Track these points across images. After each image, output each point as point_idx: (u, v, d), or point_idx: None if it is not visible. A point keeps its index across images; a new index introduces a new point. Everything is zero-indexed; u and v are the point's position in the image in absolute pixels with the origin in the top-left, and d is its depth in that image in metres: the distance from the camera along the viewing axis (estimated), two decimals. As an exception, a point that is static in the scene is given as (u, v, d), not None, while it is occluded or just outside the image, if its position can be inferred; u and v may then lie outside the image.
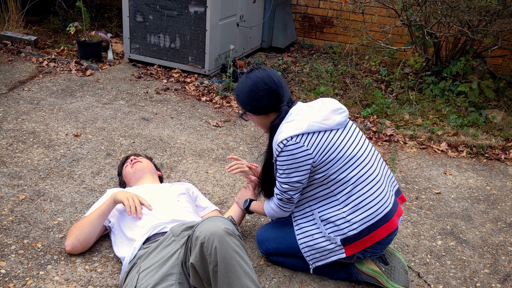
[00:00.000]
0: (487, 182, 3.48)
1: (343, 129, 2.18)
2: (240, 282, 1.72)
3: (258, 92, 2.16)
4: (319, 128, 2.11)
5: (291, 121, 2.14)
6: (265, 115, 2.22)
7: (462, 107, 4.57)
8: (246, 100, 2.21)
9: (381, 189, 2.18)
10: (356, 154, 2.16)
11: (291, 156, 2.10)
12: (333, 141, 2.12)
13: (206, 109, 4.38)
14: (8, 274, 2.22)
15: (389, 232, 2.18)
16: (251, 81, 2.19)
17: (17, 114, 3.86)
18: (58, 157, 3.28)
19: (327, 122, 2.12)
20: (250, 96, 2.19)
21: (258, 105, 2.19)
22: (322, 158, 2.10)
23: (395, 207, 2.24)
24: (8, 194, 2.82)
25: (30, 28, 6.14)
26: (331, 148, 2.11)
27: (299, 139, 2.09)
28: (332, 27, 6.57)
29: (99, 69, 5.11)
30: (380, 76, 5.37)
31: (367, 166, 2.17)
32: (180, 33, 4.97)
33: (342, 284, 2.36)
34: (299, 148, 2.08)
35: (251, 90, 2.18)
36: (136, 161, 2.75)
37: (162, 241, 2.07)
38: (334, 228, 2.16)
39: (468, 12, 4.40)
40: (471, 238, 2.81)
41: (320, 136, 2.11)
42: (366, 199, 2.14)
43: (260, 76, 2.18)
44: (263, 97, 2.17)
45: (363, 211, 2.14)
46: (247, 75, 2.23)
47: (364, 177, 2.16)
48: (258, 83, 2.17)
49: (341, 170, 2.13)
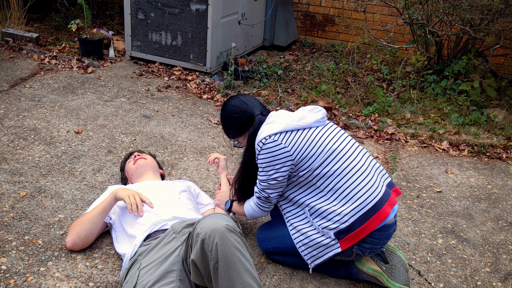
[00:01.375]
0: (488, 181, 3.47)
1: (323, 127, 2.26)
2: (241, 279, 1.72)
3: (232, 115, 2.33)
4: (297, 127, 2.21)
5: (270, 123, 2.25)
6: (247, 131, 2.35)
7: (464, 106, 4.57)
8: (228, 128, 2.40)
9: (367, 179, 2.20)
10: (337, 147, 2.21)
11: (269, 154, 2.18)
12: (311, 137, 2.20)
13: (207, 107, 4.38)
14: (9, 270, 2.22)
15: (381, 221, 2.17)
16: (225, 111, 2.37)
17: (19, 111, 3.86)
18: (59, 154, 3.28)
19: (304, 121, 2.22)
20: (228, 122, 2.37)
21: (237, 125, 2.34)
22: (302, 154, 2.17)
23: (386, 197, 2.23)
24: (9, 191, 2.82)
25: (32, 25, 6.14)
26: (310, 144, 2.18)
27: (277, 137, 2.18)
28: (334, 25, 6.57)
29: (100, 66, 5.11)
30: (382, 74, 5.36)
31: (349, 158, 2.22)
32: (182, 30, 4.96)
33: (343, 282, 2.36)
34: (277, 146, 2.17)
35: (227, 117, 2.36)
36: (139, 157, 2.75)
37: (162, 238, 2.07)
38: (326, 223, 2.17)
39: (470, 10, 4.39)
40: (472, 236, 2.81)
41: (298, 134, 2.20)
42: (353, 190, 2.17)
43: (230, 103, 2.37)
44: (237, 118, 2.33)
45: (352, 203, 2.16)
46: (222, 109, 2.40)
47: (348, 169, 2.19)
48: (230, 108, 2.35)
49: (323, 165, 2.18)
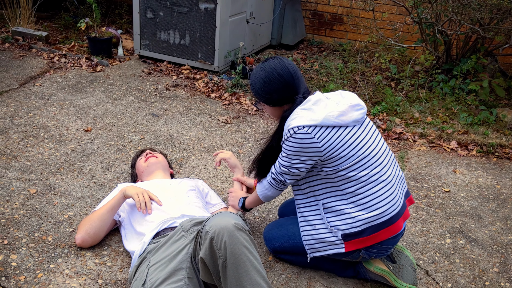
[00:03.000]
0: (497, 181, 3.46)
1: (359, 127, 2.13)
2: (249, 277, 1.72)
3: (272, 84, 2.13)
4: (334, 123, 2.05)
5: (307, 110, 2.09)
6: (279, 106, 2.20)
7: (473, 106, 4.55)
8: (260, 92, 2.18)
9: (390, 191, 2.14)
10: (369, 153, 2.11)
11: (298, 144, 2.06)
12: (346, 138, 2.07)
13: (215, 105, 4.39)
14: (19, 267, 2.25)
15: (392, 234, 2.16)
16: (266, 72, 2.14)
17: (28, 109, 3.89)
18: (68, 152, 3.31)
19: (343, 118, 2.06)
20: (264, 87, 2.15)
21: (273, 96, 2.16)
22: (332, 154, 2.06)
23: (402, 210, 2.21)
24: (19, 188, 2.84)
25: (41, 24, 6.18)
26: (343, 145, 2.06)
27: (310, 130, 2.04)
28: (342, 24, 6.55)
29: (109, 65, 5.14)
30: (390, 73, 5.35)
31: (379, 166, 2.13)
32: (190, 29, 4.98)
33: (350, 281, 2.36)
34: (309, 139, 2.04)
35: (265, 81, 2.14)
36: (150, 155, 2.76)
37: (171, 236, 2.08)
38: (337, 222, 2.14)
39: (479, 10, 4.37)
40: (481, 236, 2.80)
41: (333, 132, 2.06)
42: (374, 200, 2.11)
43: (275, 66, 2.13)
44: (277, 89, 2.13)
45: (369, 211, 2.11)
46: (262, 65, 2.18)
47: (375, 178, 2.11)
48: (273, 74, 2.12)
49: (351, 168, 2.09)
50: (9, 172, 3.00)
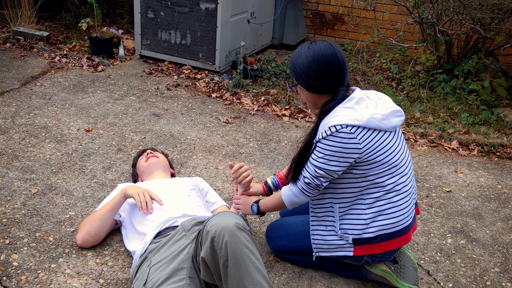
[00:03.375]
0: (498, 181, 3.45)
1: (395, 134, 2.08)
2: (251, 277, 1.72)
3: (319, 68, 1.97)
4: (376, 126, 1.97)
5: (350, 108, 1.98)
6: (318, 94, 2.05)
7: (474, 106, 4.55)
8: (302, 74, 2.02)
9: (408, 202, 2.13)
10: (399, 162, 2.07)
11: (339, 144, 1.95)
12: (384, 143, 2.01)
13: (216, 105, 4.39)
14: (21, 266, 2.25)
15: (402, 245, 2.16)
16: (313, 54, 1.98)
17: (30, 109, 3.89)
18: (69, 152, 3.31)
19: (385, 122, 1.99)
20: (308, 70, 1.99)
21: (315, 82, 2.01)
22: (369, 157, 1.99)
23: (413, 222, 2.21)
24: (20, 188, 2.85)
25: (43, 24, 6.18)
26: (380, 150, 2.00)
27: (353, 130, 1.94)
28: (343, 24, 6.55)
29: (110, 65, 5.14)
30: (391, 73, 5.35)
31: (404, 176, 2.10)
32: (191, 29, 4.98)
33: (352, 282, 2.36)
34: (351, 139, 1.94)
35: (311, 64, 1.98)
36: (151, 155, 2.77)
37: (172, 236, 2.08)
38: (350, 226, 2.11)
39: (480, 9, 4.36)
40: (482, 236, 2.80)
41: (374, 135, 1.98)
42: (393, 208, 2.08)
43: (325, 51, 1.98)
44: (322, 76, 1.98)
45: (385, 218, 2.08)
46: (310, 45, 2.01)
47: (399, 187, 2.08)
48: (321, 58, 1.97)
49: (381, 175, 2.04)
50: (11, 172, 3.00)
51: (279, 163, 3.46)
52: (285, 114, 4.31)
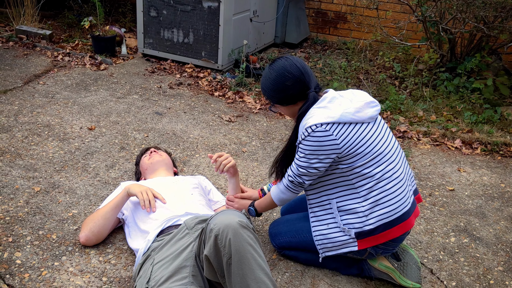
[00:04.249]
0: (502, 180, 3.45)
1: (374, 123, 2.14)
2: (254, 275, 1.72)
3: (284, 82, 2.12)
4: (351, 120, 2.05)
5: (323, 108, 2.08)
6: (293, 104, 2.18)
7: (477, 104, 4.53)
8: (272, 93, 2.17)
9: (402, 188, 2.16)
10: (383, 150, 2.12)
11: (317, 143, 2.05)
12: (362, 134, 2.08)
13: (218, 104, 4.39)
14: (24, 264, 2.25)
15: (405, 231, 2.17)
16: (275, 72, 2.14)
17: (32, 108, 3.90)
18: (72, 150, 3.31)
19: (359, 115, 2.07)
20: (276, 87, 2.14)
21: (286, 95, 2.15)
22: (350, 150, 2.06)
23: (413, 207, 2.22)
24: (23, 186, 2.85)
25: (45, 22, 6.19)
26: (360, 141, 2.07)
27: (329, 127, 2.04)
28: (346, 22, 6.54)
29: (113, 63, 5.14)
30: (394, 72, 5.34)
31: (392, 163, 2.14)
32: (194, 28, 4.98)
33: (355, 279, 2.35)
34: (327, 136, 2.04)
35: (277, 81, 2.13)
36: (155, 153, 2.77)
37: (175, 234, 2.08)
38: (351, 221, 2.14)
39: (483, 8, 4.35)
40: (485, 235, 2.79)
41: (350, 128, 2.06)
42: (387, 196, 2.12)
43: (284, 65, 2.13)
44: (289, 87, 2.13)
45: (382, 207, 2.11)
46: (271, 66, 2.17)
47: (388, 174, 2.12)
48: (283, 73, 2.12)
49: (367, 165, 2.09)
50: (14, 170, 3.00)
51: (281, 161, 3.45)
52: (288, 112, 4.30)
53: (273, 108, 2.27)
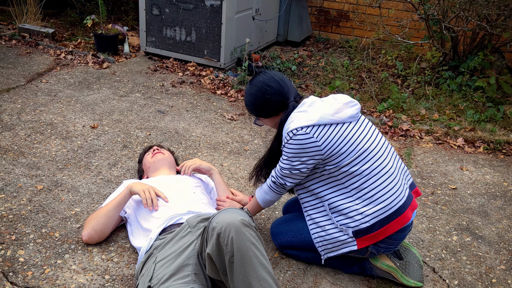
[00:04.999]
0: (504, 178, 3.44)
1: (356, 122, 2.19)
2: (256, 273, 1.73)
3: (264, 95, 2.23)
4: (331, 121, 2.12)
5: (303, 112, 2.16)
6: (276, 115, 2.28)
7: (480, 103, 4.53)
8: (255, 107, 2.29)
9: (394, 182, 2.17)
10: (368, 147, 2.15)
11: (298, 146, 2.11)
12: (344, 134, 2.13)
13: (221, 102, 4.39)
14: (27, 262, 2.26)
15: (402, 225, 2.17)
16: (255, 87, 2.26)
17: (35, 106, 3.91)
18: (75, 148, 3.32)
19: (338, 115, 2.13)
20: (257, 101, 2.26)
21: (267, 108, 2.26)
22: (333, 151, 2.11)
23: (409, 201, 2.23)
24: (26, 184, 2.86)
25: (48, 20, 6.19)
26: (342, 141, 2.12)
27: (309, 130, 2.10)
28: (348, 21, 6.53)
29: (115, 62, 5.15)
30: (397, 70, 5.33)
31: (380, 159, 2.17)
32: (196, 26, 4.98)
33: (356, 278, 2.36)
34: (308, 139, 2.10)
35: (257, 96, 2.25)
36: (158, 152, 2.77)
37: (178, 232, 2.08)
38: (346, 220, 2.16)
39: (486, 6, 4.34)
40: (487, 234, 2.79)
41: (331, 129, 2.12)
42: (379, 192, 2.14)
43: (263, 80, 2.25)
44: (269, 100, 2.23)
45: (376, 204, 2.13)
46: (251, 82, 2.30)
47: (377, 170, 2.15)
48: (262, 87, 2.23)
49: (353, 163, 2.13)
50: (17, 168, 3.01)
51: (284, 160, 3.45)
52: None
53: (258, 121, 2.38)
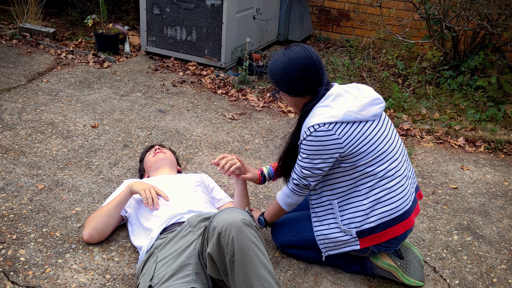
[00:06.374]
0: (505, 178, 3.44)
1: (378, 121, 2.10)
2: (257, 273, 1.73)
3: (297, 73, 2.02)
4: (355, 119, 2.01)
5: (327, 107, 2.03)
6: (301, 97, 2.10)
7: (480, 102, 4.52)
8: (282, 80, 2.07)
9: (404, 186, 2.14)
10: (387, 148, 2.09)
11: (319, 143, 2.00)
12: (366, 133, 2.04)
13: (222, 102, 4.39)
14: (28, 261, 2.26)
15: (406, 229, 2.17)
16: (289, 59, 2.03)
17: (36, 105, 3.91)
18: (76, 148, 3.32)
19: (363, 113, 2.02)
20: (287, 76, 2.05)
21: (296, 86, 2.06)
22: (353, 149, 2.02)
23: (414, 205, 2.21)
24: (27, 184, 2.86)
25: (49, 20, 6.19)
26: (363, 140, 2.03)
27: (331, 127, 1.99)
28: (349, 20, 6.53)
29: (116, 61, 5.15)
30: (397, 70, 5.33)
31: (395, 161, 2.12)
32: (197, 25, 4.97)
33: (357, 277, 2.36)
34: (329, 136, 1.99)
35: (289, 70, 2.03)
36: (159, 151, 2.77)
37: (179, 232, 2.08)
38: (351, 220, 2.14)
39: (487, 5, 4.34)
40: (488, 233, 2.79)
41: (353, 127, 2.02)
42: (389, 194, 2.10)
43: (300, 55, 2.02)
44: (302, 80, 2.04)
45: (383, 206, 2.10)
46: (285, 51, 2.06)
47: (391, 173, 2.10)
48: (298, 63, 2.02)
49: (370, 163, 2.06)
50: (17, 167, 3.01)
51: (284, 159, 3.45)
52: (291, 110, 4.30)
53: (277, 94, 2.17)
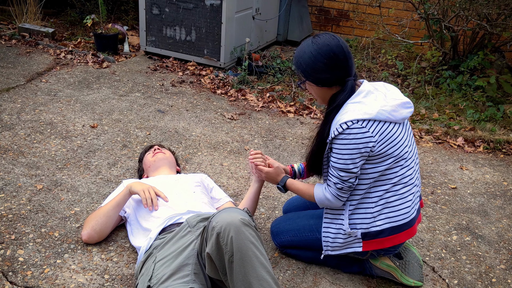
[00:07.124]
0: (504, 178, 3.44)
1: (403, 126, 2.06)
2: (256, 273, 1.72)
3: (326, 62, 1.95)
4: (387, 118, 1.95)
5: (359, 103, 1.96)
6: (328, 87, 2.03)
7: (480, 102, 4.52)
8: (309, 70, 1.99)
9: (414, 194, 2.13)
10: (407, 155, 2.06)
11: (353, 140, 1.93)
12: (394, 135, 1.99)
13: (221, 102, 4.39)
14: (26, 262, 2.26)
15: (409, 237, 2.16)
16: (318, 47, 1.96)
17: (35, 105, 3.90)
18: (75, 148, 3.32)
19: (395, 114, 1.97)
20: (315, 65, 1.97)
21: (324, 76, 1.98)
22: (381, 150, 1.97)
23: (417, 214, 2.21)
24: (26, 184, 2.86)
25: (48, 20, 6.19)
26: (391, 142, 1.99)
27: (365, 124, 1.92)
28: (348, 20, 6.53)
29: (115, 61, 5.14)
30: (397, 70, 5.33)
31: (411, 169, 2.09)
32: (196, 25, 4.97)
33: (356, 277, 2.35)
34: (364, 133, 1.93)
35: (318, 59, 1.96)
36: (158, 151, 2.77)
37: (177, 232, 2.08)
38: (359, 221, 2.11)
39: (487, 5, 4.34)
40: (487, 233, 2.79)
41: (385, 127, 1.97)
42: (399, 200, 2.08)
43: (329, 43, 1.95)
44: (330, 69, 1.96)
45: (392, 211, 2.08)
46: (313, 39, 1.99)
47: (406, 179, 2.08)
48: (327, 51, 1.95)
49: (389, 167, 2.02)
50: (16, 168, 3.01)
51: (284, 159, 3.45)
52: (290, 110, 4.30)
53: (303, 85, 2.09)
